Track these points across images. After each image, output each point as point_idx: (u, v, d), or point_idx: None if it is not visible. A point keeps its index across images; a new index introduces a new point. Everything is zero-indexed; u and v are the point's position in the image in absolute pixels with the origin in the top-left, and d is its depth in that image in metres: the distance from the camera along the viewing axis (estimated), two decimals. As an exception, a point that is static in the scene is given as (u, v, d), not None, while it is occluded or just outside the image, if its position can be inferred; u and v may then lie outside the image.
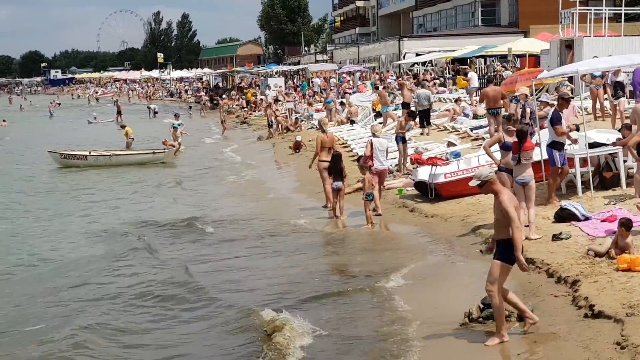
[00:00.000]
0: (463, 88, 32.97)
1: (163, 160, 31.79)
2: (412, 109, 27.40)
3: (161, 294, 12.76)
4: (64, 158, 32.64)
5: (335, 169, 17.69)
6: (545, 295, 10.47)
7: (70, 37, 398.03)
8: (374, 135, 18.97)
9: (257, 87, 69.18)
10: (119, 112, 59.50)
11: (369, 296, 11.85)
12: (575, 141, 15.72)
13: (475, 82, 34.73)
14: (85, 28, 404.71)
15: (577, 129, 17.28)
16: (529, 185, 13.01)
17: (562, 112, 15.33)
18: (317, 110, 43.17)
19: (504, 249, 9.07)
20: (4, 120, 61.11)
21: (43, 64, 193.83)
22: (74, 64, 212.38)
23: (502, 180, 13.63)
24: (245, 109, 54.95)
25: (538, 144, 14.67)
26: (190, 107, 65.76)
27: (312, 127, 37.68)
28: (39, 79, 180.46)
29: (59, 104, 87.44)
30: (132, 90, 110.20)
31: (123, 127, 38.35)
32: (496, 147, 14.09)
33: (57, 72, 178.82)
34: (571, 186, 15.39)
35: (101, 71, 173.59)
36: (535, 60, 40.59)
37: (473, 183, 9.37)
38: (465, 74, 36.19)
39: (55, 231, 19.31)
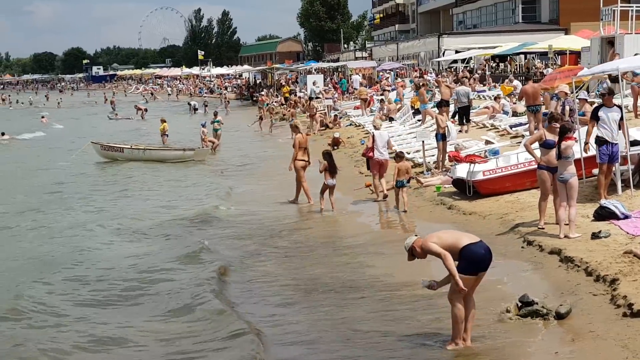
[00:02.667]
0: (508, 95, 32.82)
1: (193, 159, 31.94)
2: (451, 106, 27.35)
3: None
4: (105, 149, 33.43)
5: (333, 167, 19.12)
6: (583, 294, 10.42)
7: (111, 33, 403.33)
8: (375, 128, 20.49)
9: (295, 84, 69.32)
10: (145, 110, 60.88)
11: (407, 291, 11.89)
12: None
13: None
14: (126, 25, 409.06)
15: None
16: (569, 183, 12.93)
17: (609, 107, 15.15)
18: (356, 107, 43.25)
19: (462, 262, 9.10)
20: (42, 117, 61.96)
21: (85, 61, 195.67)
22: (115, 60, 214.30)
23: (542, 178, 13.63)
24: (284, 106, 55.12)
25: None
26: (207, 105, 65.51)
27: (350, 124, 37.76)
28: (80, 75, 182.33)
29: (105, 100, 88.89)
30: (174, 88, 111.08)
31: (163, 121, 39.00)
32: (537, 144, 14.06)
33: (99, 68, 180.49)
34: (611, 184, 15.27)
35: (142, 68, 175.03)
36: (575, 57, 40.25)
37: (409, 259, 9.59)
38: (510, 80, 35.98)
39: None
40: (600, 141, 14.79)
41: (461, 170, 18.32)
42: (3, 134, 44.85)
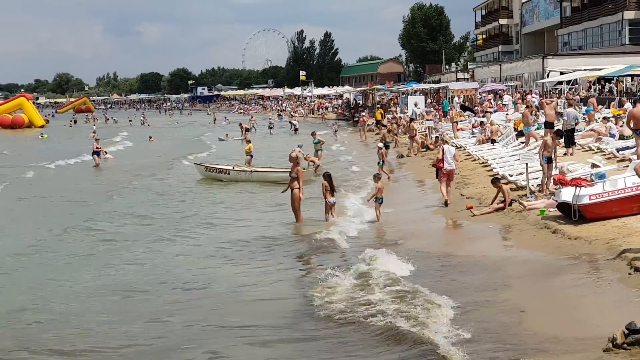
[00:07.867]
0: (616, 116, 32.20)
1: None
2: (559, 127, 26.91)
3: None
4: (209, 171, 33.95)
5: (333, 187, 21.26)
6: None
7: (216, 54, 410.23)
8: (444, 142, 25.20)
9: (396, 105, 69.32)
10: (247, 130, 61.98)
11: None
12: None
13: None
14: (231, 46, 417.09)
15: None
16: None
17: None
18: (460, 129, 42.96)
19: None
20: (150, 138, 63.55)
21: (190, 81, 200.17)
22: (219, 81, 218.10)
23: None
24: (386, 127, 55.01)
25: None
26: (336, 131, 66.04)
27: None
28: (186, 95, 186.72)
29: (215, 119, 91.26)
30: (279, 107, 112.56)
31: (248, 141, 40.27)
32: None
33: (204, 89, 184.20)
34: None
35: (245, 89, 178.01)
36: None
37: None
38: (621, 105, 35.26)
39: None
40: None
41: (566, 194, 17.96)
42: (106, 152, 46.17)
